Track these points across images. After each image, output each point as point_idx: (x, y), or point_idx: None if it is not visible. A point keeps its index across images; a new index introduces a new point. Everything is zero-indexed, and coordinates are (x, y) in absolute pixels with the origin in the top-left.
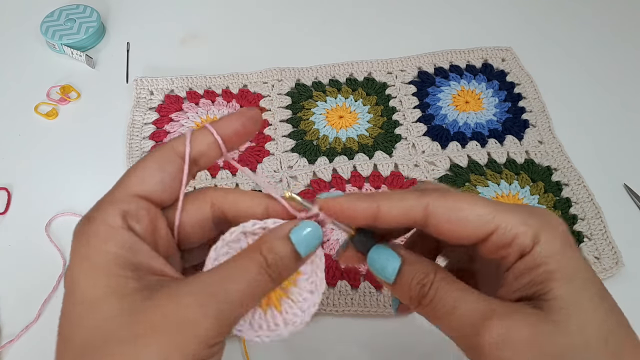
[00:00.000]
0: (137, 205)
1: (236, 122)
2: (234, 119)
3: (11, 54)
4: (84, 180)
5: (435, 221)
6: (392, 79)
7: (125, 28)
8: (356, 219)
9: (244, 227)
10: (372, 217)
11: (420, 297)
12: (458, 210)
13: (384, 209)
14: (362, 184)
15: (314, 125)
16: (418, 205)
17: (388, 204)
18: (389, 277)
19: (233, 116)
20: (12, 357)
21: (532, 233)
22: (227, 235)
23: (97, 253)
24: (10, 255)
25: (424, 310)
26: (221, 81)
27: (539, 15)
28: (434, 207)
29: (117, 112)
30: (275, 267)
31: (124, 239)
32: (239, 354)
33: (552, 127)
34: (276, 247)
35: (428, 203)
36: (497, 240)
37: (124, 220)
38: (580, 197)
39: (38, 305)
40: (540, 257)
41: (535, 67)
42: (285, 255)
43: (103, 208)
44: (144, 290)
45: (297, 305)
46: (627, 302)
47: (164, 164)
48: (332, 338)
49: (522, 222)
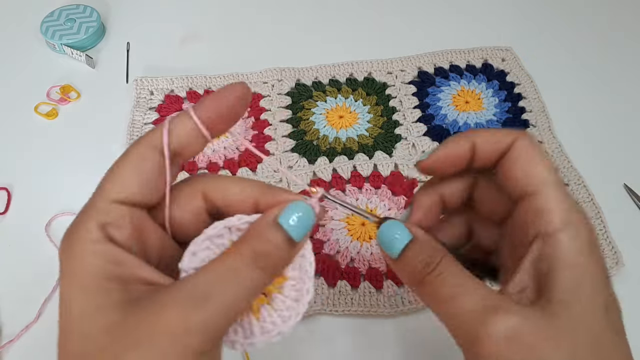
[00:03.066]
0: (116, 213)
1: (221, 102)
2: (218, 98)
3: (11, 54)
4: (84, 180)
5: (510, 156)
6: (392, 79)
7: (125, 28)
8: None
9: (228, 221)
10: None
11: (423, 275)
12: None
13: (478, 142)
14: (362, 184)
15: (314, 125)
16: (508, 138)
17: (482, 137)
18: (395, 251)
19: (217, 95)
20: (12, 357)
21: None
22: (210, 229)
23: (79, 268)
24: (10, 255)
25: (424, 290)
26: (221, 81)
27: (539, 16)
28: (517, 143)
29: (117, 112)
30: (267, 259)
31: (105, 252)
32: (239, 354)
33: (552, 127)
34: (266, 236)
35: (517, 137)
36: (531, 204)
37: (104, 232)
38: (580, 197)
39: (38, 305)
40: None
41: (535, 67)
42: (277, 243)
43: (82, 221)
44: (128, 303)
45: (278, 313)
46: (627, 302)
47: (141, 162)
48: (332, 338)
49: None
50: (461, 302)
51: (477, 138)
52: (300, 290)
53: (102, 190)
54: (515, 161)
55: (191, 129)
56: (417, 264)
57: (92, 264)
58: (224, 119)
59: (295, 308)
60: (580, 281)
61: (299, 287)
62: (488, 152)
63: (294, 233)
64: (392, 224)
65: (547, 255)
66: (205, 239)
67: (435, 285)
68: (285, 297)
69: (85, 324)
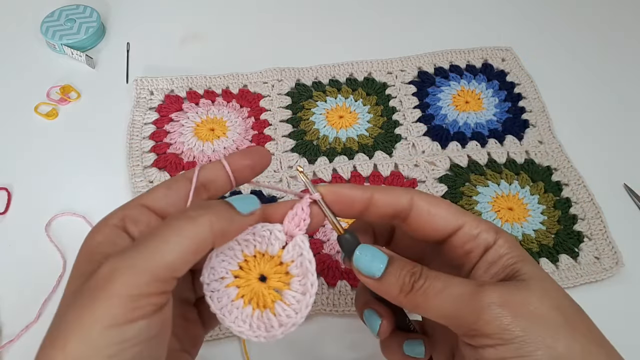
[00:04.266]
0: (138, 212)
1: (247, 158)
2: (245, 155)
3: (11, 54)
4: (84, 180)
5: (417, 212)
6: (392, 79)
7: (125, 28)
8: (353, 205)
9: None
10: (366, 205)
11: (412, 284)
12: (437, 204)
13: (377, 197)
14: (362, 183)
15: (314, 125)
16: (405, 196)
17: (380, 193)
18: (377, 271)
19: (244, 152)
20: (12, 357)
21: (494, 231)
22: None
23: (85, 244)
24: (10, 255)
25: (414, 297)
26: (221, 81)
27: (539, 16)
28: (418, 199)
29: (117, 112)
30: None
31: (110, 234)
32: (239, 354)
33: (552, 127)
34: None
35: (413, 196)
36: (464, 234)
37: (121, 221)
38: (580, 197)
39: (38, 305)
40: (504, 248)
41: (535, 67)
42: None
43: (113, 211)
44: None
45: (291, 307)
46: (627, 302)
47: (172, 184)
48: (332, 338)
49: (484, 223)
50: (452, 290)
51: (376, 193)
52: (305, 285)
53: (137, 196)
54: (427, 213)
55: (218, 171)
56: (404, 276)
57: (94, 239)
58: (248, 170)
59: (304, 300)
60: (535, 266)
61: (304, 282)
62: (385, 207)
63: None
64: (366, 247)
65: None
66: (220, 253)
67: (424, 287)
68: (295, 291)
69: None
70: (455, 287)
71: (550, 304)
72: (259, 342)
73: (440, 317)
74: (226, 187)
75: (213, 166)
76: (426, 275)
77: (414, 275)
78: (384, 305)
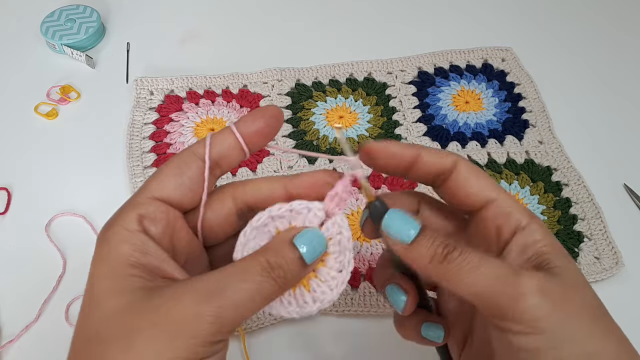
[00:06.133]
0: (155, 208)
1: (258, 121)
2: (257, 117)
3: (11, 54)
4: (84, 180)
5: (456, 176)
6: (392, 79)
7: (125, 28)
8: (401, 161)
9: (270, 211)
10: (413, 161)
11: (446, 255)
12: (476, 173)
13: (424, 155)
14: None
15: (314, 125)
16: (450, 158)
17: (427, 152)
18: (407, 237)
19: (254, 114)
20: (12, 357)
21: (527, 214)
22: (255, 220)
23: (111, 254)
24: (10, 255)
25: (446, 269)
26: (221, 81)
27: (539, 16)
28: (460, 164)
29: (117, 112)
30: (279, 271)
31: (138, 241)
32: (239, 354)
33: (552, 127)
34: (281, 252)
35: (457, 160)
36: (497, 207)
37: (140, 224)
38: (580, 197)
39: (38, 305)
40: (538, 233)
41: (535, 67)
42: (290, 259)
43: (124, 211)
44: (148, 290)
45: (326, 284)
46: (627, 302)
47: (183, 167)
48: (332, 338)
49: (519, 204)
50: (487, 270)
51: (423, 151)
52: (342, 262)
53: (145, 188)
54: (465, 179)
55: (230, 143)
56: (437, 246)
57: (122, 250)
58: (261, 135)
59: (340, 277)
60: (568, 259)
61: (340, 259)
62: (430, 166)
63: (306, 255)
64: (397, 212)
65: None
66: (253, 230)
67: (458, 261)
68: (330, 268)
69: (104, 304)
70: (491, 266)
71: (584, 301)
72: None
73: (470, 294)
74: (239, 158)
75: (222, 137)
76: (462, 248)
77: (447, 247)
78: (409, 280)
